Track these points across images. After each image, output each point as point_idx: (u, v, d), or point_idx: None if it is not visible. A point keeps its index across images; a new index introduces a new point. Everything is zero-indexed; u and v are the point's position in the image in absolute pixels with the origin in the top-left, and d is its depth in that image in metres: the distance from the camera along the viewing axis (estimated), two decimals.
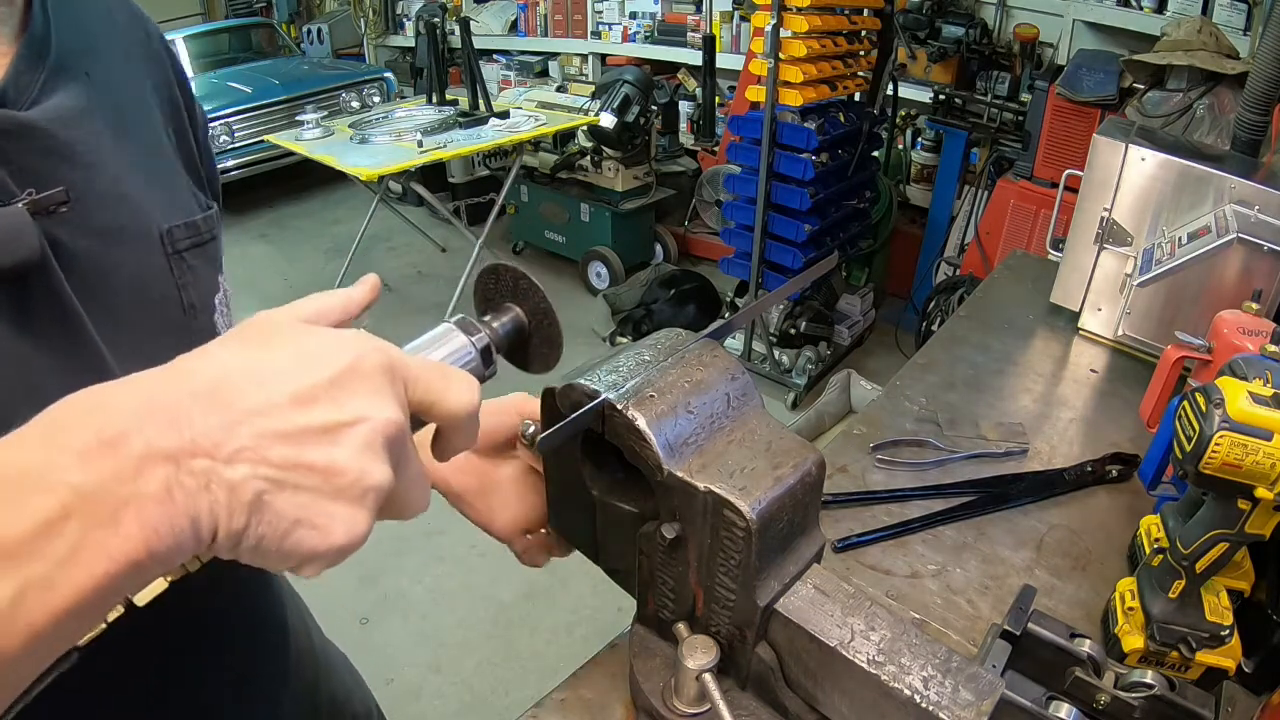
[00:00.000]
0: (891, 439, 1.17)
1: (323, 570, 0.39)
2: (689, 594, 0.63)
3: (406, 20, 6.70)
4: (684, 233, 4.81)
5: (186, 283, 0.58)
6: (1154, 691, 0.71)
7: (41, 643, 0.32)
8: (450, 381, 0.44)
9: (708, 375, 0.62)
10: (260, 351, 0.39)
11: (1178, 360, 1.04)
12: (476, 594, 2.57)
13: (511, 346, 0.55)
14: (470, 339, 0.51)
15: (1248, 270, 1.21)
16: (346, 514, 0.38)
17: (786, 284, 0.78)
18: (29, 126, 0.49)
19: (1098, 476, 1.12)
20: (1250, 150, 1.62)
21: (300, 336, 0.40)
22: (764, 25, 2.91)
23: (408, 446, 0.41)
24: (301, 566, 0.38)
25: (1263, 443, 0.69)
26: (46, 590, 0.32)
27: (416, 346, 0.50)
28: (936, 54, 3.67)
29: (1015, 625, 0.74)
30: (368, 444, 0.38)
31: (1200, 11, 3.16)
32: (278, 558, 0.37)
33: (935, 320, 3.41)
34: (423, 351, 0.50)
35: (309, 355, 0.39)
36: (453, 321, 0.51)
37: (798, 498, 0.59)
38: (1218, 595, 0.81)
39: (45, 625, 0.32)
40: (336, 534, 0.37)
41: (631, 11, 5.27)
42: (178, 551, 0.35)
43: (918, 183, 4.16)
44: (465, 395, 0.44)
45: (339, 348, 0.40)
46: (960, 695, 0.55)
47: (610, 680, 0.79)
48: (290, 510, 0.36)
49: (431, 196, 4.14)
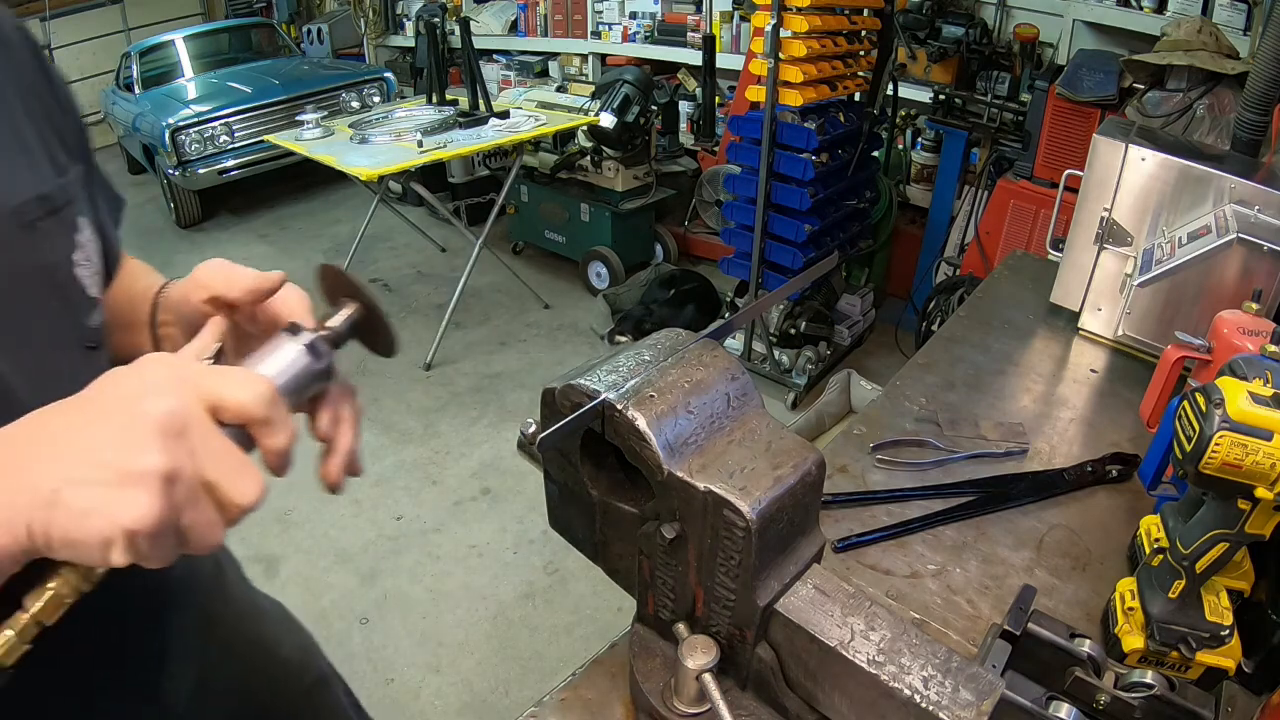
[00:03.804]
0: (891, 439, 1.17)
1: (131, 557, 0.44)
2: (689, 594, 0.63)
3: (406, 20, 6.70)
4: (684, 233, 4.81)
5: (42, 249, 0.64)
6: (1154, 691, 0.70)
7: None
8: (233, 378, 0.49)
9: (708, 375, 0.62)
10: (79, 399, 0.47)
11: (1178, 360, 1.04)
12: (476, 594, 2.57)
13: (362, 336, 0.62)
14: (294, 338, 0.56)
15: (1248, 270, 1.21)
16: (129, 497, 0.43)
17: (786, 284, 0.78)
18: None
19: (1098, 476, 1.12)
20: (1250, 150, 1.61)
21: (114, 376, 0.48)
22: (764, 25, 2.91)
23: (203, 438, 0.47)
24: (108, 554, 0.44)
25: (1263, 443, 0.69)
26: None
27: (251, 359, 0.56)
28: (936, 54, 3.66)
29: (1015, 625, 0.74)
30: (141, 432, 0.44)
31: (1200, 11, 3.16)
32: (84, 547, 0.43)
33: (935, 320, 3.41)
34: (255, 361, 0.55)
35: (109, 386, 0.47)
36: (282, 331, 0.57)
37: (798, 498, 0.59)
38: (1218, 595, 0.81)
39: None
40: (120, 515, 0.43)
41: (631, 11, 5.27)
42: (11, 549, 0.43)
43: (918, 183, 4.16)
44: (247, 388, 0.49)
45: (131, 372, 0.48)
46: (960, 695, 0.55)
47: (610, 680, 0.79)
48: (80, 501, 0.43)
49: (431, 196, 4.14)
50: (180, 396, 0.47)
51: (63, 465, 0.44)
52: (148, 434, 0.44)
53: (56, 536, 0.43)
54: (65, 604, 0.47)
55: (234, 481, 0.48)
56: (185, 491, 0.45)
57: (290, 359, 0.55)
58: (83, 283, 0.67)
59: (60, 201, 0.65)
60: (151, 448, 0.44)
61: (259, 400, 0.49)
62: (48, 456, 0.44)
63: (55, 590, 0.47)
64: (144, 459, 0.44)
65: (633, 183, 4.37)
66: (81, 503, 0.43)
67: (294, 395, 0.55)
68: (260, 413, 0.49)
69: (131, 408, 0.45)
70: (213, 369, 0.50)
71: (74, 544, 0.43)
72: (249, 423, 0.50)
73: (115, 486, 0.43)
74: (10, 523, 0.43)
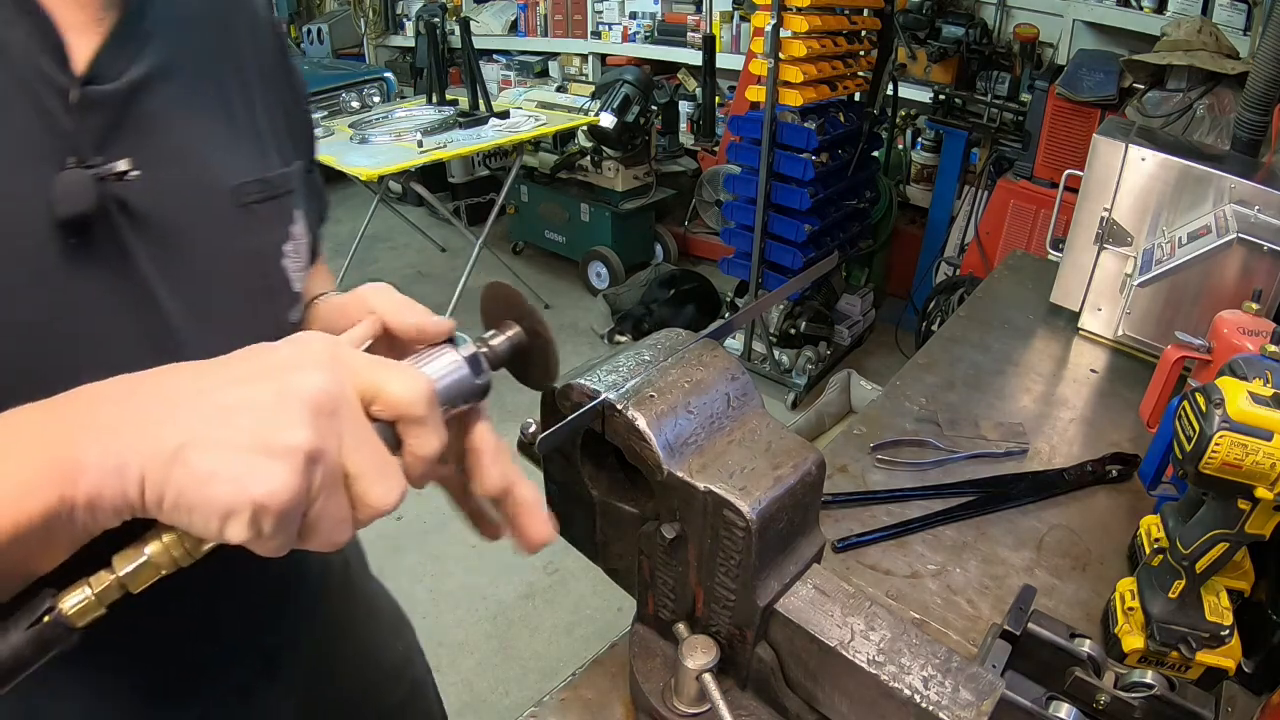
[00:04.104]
0: (891, 439, 1.17)
1: (251, 531, 0.40)
2: (689, 594, 0.63)
3: (406, 20, 6.69)
4: (684, 233, 4.81)
5: (253, 233, 0.63)
6: (1154, 691, 0.70)
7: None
8: (394, 370, 0.46)
9: (708, 375, 0.62)
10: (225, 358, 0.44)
11: (1178, 360, 1.04)
12: (476, 594, 2.57)
13: (510, 361, 0.57)
14: (457, 349, 0.53)
15: (1248, 270, 1.21)
16: (264, 466, 0.39)
17: (786, 284, 0.78)
18: (109, 101, 0.53)
19: (1098, 476, 1.12)
20: (1250, 150, 1.61)
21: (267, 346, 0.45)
22: (764, 25, 2.91)
23: (354, 425, 0.43)
24: (227, 525, 0.39)
25: (1263, 443, 0.69)
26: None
27: (409, 360, 0.51)
28: (936, 54, 3.66)
29: (1015, 625, 0.74)
30: (294, 404, 0.40)
31: (1200, 11, 3.16)
32: (201, 514, 0.39)
33: (935, 320, 3.41)
34: (413, 363, 0.51)
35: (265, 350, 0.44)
36: (444, 340, 0.54)
37: (798, 498, 0.59)
38: (1218, 595, 0.81)
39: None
40: (252, 485, 0.39)
41: (631, 11, 5.26)
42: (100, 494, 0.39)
43: (918, 183, 4.16)
44: (409, 382, 0.46)
45: (289, 341, 0.45)
46: (960, 695, 0.55)
47: (610, 680, 0.79)
48: (207, 462, 0.39)
49: (431, 196, 4.14)
50: (337, 375, 0.43)
51: (195, 422, 0.40)
52: (298, 406, 0.40)
53: (171, 496, 0.39)
54: (159, 573, 0.42)
55: (376, 478, 0.43)
56: (325, 476, 0.41)
57: (450, 367, 0.51)
58: (289, 274, 0.66)
59: (280, 189, 0.65)
60: (300, 421, 0.40)
61: (419, 397, 0.45)
62: (178, 409, 0.40)
63: (151, 556, 0.42)
64: (290, 432, 0.40)
65: (633, 183, 4.37)
66: (210, 464, 0.39)
67: (447, 406, 0.50)
68: (417, 411, 0.45)
69: (284, 376, 0.42)
70: (374, 358, 0.46)
71: (191, 508, 0.39)
72: (402, 420, 0.46)
73: (252, 453, 0.39)
74: (121, 471, 0.39)
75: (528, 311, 0.56)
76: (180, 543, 0.42)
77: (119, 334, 0.55)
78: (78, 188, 0.50)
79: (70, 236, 0.51)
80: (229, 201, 0.61)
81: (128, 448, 0.39)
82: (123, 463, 0.39)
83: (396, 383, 0.45)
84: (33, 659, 0.40)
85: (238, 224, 0.62)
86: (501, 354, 0.56)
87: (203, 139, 0.60)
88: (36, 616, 0.40)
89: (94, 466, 0.38)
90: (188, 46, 0.60)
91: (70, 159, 0.51)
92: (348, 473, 0.43)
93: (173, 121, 0.58)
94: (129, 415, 0.40)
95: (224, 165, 0.61)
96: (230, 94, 0.64)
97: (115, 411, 0.40)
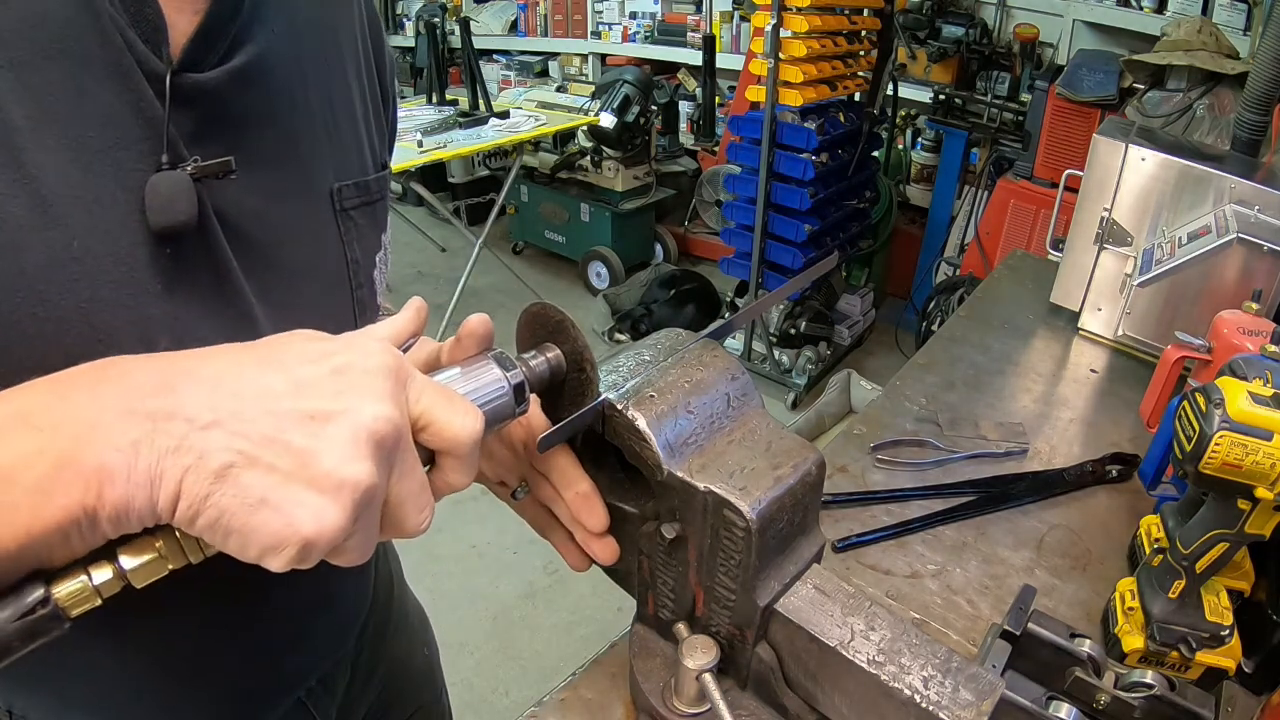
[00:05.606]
0: (891, 439, 1.17)
1: (289, 565, 0.37)
2: (689, 594, 0.63)
3: (406, 20, 6.68)
4: (684, 233, 4.81)
5: (351, 240, 0.59)
6: (1154, 691, 0.70)
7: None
8: (455, 405, 0.43)
9: (708, 375, 0.62)
10: (277, 347, 0.40)
11: (1178, 360, 1.04)
12: (476, 594, 2.57)
13: (545, 388, 0.55)
14: (505, 374, 0.50)
15: (1248, 270, 1.21)
16: (317, 503, 0.36)
17: (786, 284, 0.78)
18: (206, 92, 0.48)
19: (1098, 476, 1.12)
20: (1250, 150, 1.61)
21: (317, 337, 0.41)
22: (764, 25, 2.91)
23: (404, 453, 0.41)
24: (266, 555, 0.36)
25: (1263, 443, 0.69)
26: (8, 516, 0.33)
27: (450, 376, 0.49)
28: (936, 54, 3.67)
29: (1015, 625, 0.74)
30: (353, 437, 0.37)
31: (1200, 11, 3.16)
32: (240, 538, 0.36)
33: (935, 320, 3.41)
34: (453, 379, 0.48)
35: (319, 350, 0.40)
36: (490, 355, 0.51)
37: (798, 498, 0.59)
38: (1218, 595, 0.81)
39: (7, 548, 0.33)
40: (303, 522, 0.36)
41: (631, 11, 5.27)
42: (129, 506, 0.35)
43: (918, 183, 4.16)
44: (467, 422, 0.43)
45: (349, 345, 0.41)
46: (960, 695, 0.55)
47: (610, 680, 0.79)
48: (258, 488, 0.35)
49: (431, 196, 4.14)
50: (401, 406, 0.40)
51: (246, 436, 0.35)
52: (362, 439, 0.37)
53: (211, 515, 0.35)
54: (166, 570, 0.39)
55: (414, 508, 0.42)
56: (374, 511, 0.39)
57: (495, 393, 0.49)
58: (377, 286, 0.63)
59: (375, 194, 0.62)
60: (361, 455, 0.37)
61: (471, 439, 0.43)
62: (228, 416, 0.36)
63: (159, 552, 0.38)
64: (350, 466, 0.37)
65: (633, 183, 4.37)
66: (260, 491, 0.35)
67: (484, 432, 0.47)
68: (465, 451, 0.44)
69: (349, 399, 0.38)
70: (434, 385, 0.44)
71: (229, 531, 0.35)
72: (448, 454, 0.44)
73: (307, 485, 0.36)
74: (155, 484, 0.34)
75: (572, 335, 0.52)
76: (198, 545, 0.39)
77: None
78: (177, 192, 0.45)
79: (166, 245, 0.46)
80: (330, 206, 0.57)
81: (165, 456, 0.34)
82: (157, 475, 0.34)
83: (457, 422, 0.43)
84: (19, 648, 0.36)
85: (335, 230, 0.58)
86: (541, 378, 0.53)
87: (302, 138, 0.55)
88: (29, 607, 0.36)
89: (123, 477, 0.34)
90: (286, 35, 0.54)
91: (164, 156, 0.45)
92: (388, 499, 0.41)
93: (273, 118, 0.53)
94: (168, 412, 0.35)
95: (323, 167, 0.57)
96: (331, 91, 0.59)
97: (152, 405, 0.35)
